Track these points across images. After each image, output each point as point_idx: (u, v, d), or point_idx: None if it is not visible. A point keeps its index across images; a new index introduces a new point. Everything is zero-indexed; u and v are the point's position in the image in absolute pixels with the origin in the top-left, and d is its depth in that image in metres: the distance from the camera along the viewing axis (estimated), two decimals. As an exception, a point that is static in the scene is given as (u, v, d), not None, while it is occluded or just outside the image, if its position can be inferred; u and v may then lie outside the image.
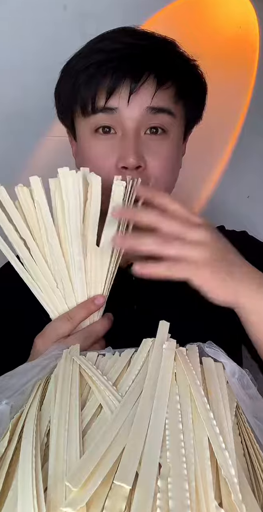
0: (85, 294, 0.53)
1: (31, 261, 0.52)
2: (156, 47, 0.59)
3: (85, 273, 0.52)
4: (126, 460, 0.28)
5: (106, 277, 0.53)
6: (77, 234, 0.51)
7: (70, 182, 0.50)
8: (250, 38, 1.03)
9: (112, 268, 0.54)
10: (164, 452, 0.29)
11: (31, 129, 0.88)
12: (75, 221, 0.51)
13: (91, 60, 0.57)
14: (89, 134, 0.60)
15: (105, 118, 0.58)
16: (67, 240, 0.51)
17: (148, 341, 0.41)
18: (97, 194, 0.51)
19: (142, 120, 0.57)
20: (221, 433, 0.31)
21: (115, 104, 0.56)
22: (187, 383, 0.35)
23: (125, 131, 0.57)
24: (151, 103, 0.57)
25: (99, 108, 0.57)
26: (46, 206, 0.51)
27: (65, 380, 0.36)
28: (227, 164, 1.07)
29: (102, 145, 0.59)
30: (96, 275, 0.53)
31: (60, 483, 0.27)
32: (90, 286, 0.53)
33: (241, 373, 0.37)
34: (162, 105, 0.58)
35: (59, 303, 0.53)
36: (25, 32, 0.86)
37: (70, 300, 0.53)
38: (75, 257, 0.52)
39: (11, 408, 0.34)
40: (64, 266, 0.52)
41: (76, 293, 0.53)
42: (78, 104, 0.59)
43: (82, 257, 0.52)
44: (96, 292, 0.54)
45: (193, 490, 0.26)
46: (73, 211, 0.51)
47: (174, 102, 0.59)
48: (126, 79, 0.56)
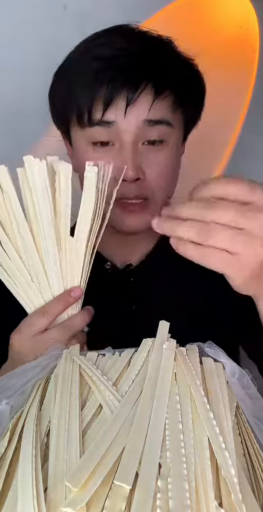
0: (62, 287, 0.51)
1: (4, 256, 0.51)
2: (153, 52, 0.57)
3: (60, 265, 0.51)
4: (126, 460, 0.28)
5: (82, 269, 0.52)
6: (50, 226, 0.49)
7: (36, 171, 0.48)
8: (250, 38, 1.04)
9: (87, 259, 0.52)
10: (164, 452, 0.29)
11: (30, 129, 0.88)
12: (46, 212, 0.49)
13: (86, 66, 0.56)
14: (86, 145, 0.59)
15: (102, 132, 0.57)
16: (40, 233, 0.49)
17: (148, 341, 0.41)
18: (66, 183, 0.49)
19: (139, 133, 0.56)
20: (221, 433, 0.31)
21: (112, 117, 0.55)
22: (187, 383, 0.35)
23: (122, 143, 0.57)
24: (148, 116, 0.55)
25: (95, 121, 0.56)
26: (15, 197, 0.49)
27: (65, 380, 0.36)
28: (227, 164, 1.07)
29: (99, 158, 0.57)
30: (72, 267, 0.51)
31: (60, 483, 0.27)
32: (66, 278, 0.52)
33: (241, 373, 0.37)
34: (160, 117, 0.57)
35: (35, 297, 0.52)
36: (25, 32, 0.86)
37: (46, 294, 0.51)
38: (49, 250, 0.50)
39: (11, 408, 0.34)
40: (38, 260, 0.50)
41: (52, 286, 0.51)
42: (74, 112, 0.58)
43: (56, 250, 0.50)
44: (72, 284, 0.52)
45: (193, 490, 0.27)
46: (42, 202, 0.48)
47: (172, 111, 0.58)
48: (123, 89, 0.54)
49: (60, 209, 0.49)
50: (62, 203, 0.49)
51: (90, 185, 0.48)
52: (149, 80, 0.55)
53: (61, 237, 0.50)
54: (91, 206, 0.49)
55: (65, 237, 0.50)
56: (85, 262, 0.52)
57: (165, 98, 0.57)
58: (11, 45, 0.86)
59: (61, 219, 0.50)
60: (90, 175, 0.48)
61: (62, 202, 0.49)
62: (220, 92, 0.83)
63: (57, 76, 0.61)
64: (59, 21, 0.87)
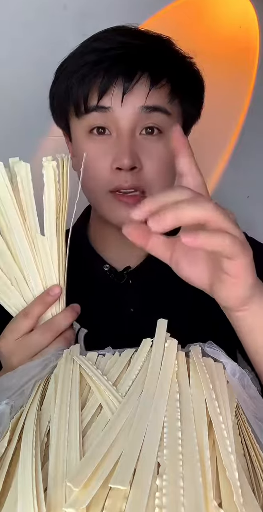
0: (41, 287, 0.52)
1: None
2: (150, 45, 0.58)
3: (36, 266, 0.51)
4: (123, 462, 0.28)
5: (59, 266, 0.52)
6: (19, 229, 0.49)
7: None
8: (250, 38, 1.04)
9: (62, 255, 0.52)
10: (162, 451, 0.29)
11: (31, 129, 0.88)
12: (12, 216, 0.49)
13: (83, 61, 0.57)
14: (84, 135, 0.59)
15: (99, 118, 0.57)
16: (11, 236, 0.49)
17: (148, 341, 0.41)
18: (27, 182, 0.49)
19: (136, 120, 0.57)
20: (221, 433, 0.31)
21: (108, 103, 0.56)
22: (200, 387, 0.35)
23: (119, 131, 0.57)
24: (145, 102, 0.56)
25: (92, 107, 0.57)
26: None
27: (65, 380, 0.36)
28: (227, 164, 1.07)
29: (97, 147, 0.58)
30: (48, 266, 0.51)
31: (60, 483, 0.27)
32: (44, 278, 0.52)
33: (241, 373, 0.37)
34: (157, 104, 0.57)
35: (16, 300, 0.52)
36: (25, 31, 0.86)
37: (27, 296, 0.52)
38: (23, 252, 0.50)
39: (11, 408, 0.34)
40: (14, 264, 0.50)
41: (32, 288, 0.51)
42: (71, 104, 0.59)
43: (30, 251, 0.50)
44: (51, 283, 0.52)
45: (190, 488, 0.26)
46: (7, 205, 0.48)
47: (169, 101, 0.58)
48: (119, 78, 0.55)
49: (27, 209, 0.49)
50: (27, 203, 0.49)
51: (49, 179, 0.49)
52: (145, 69, 0.56)
53: (32, 237, 0.50)
54: (54, 201, 0.49)
55: (36, 236, 0.50)
56: (60, 258, 0.52)
57: (162, 87, 0.57)
58: (11, 45, 0.86)
59: (30, 219, 0.50)
60: (48, 169, 0.48)
61: (27, 201, 0.49)
62: (220, 92, 0.83)
63: (57, 73, 0.62)
64: (59, 21, 0.87)
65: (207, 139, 0.88)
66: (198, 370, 0.36)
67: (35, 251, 0.51)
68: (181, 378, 0.36)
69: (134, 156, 0.56)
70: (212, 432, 0.31)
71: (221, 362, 0.39)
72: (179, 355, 0.39)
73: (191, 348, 0.41)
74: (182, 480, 0.27)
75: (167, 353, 0.38)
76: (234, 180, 1.05)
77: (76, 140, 0.62)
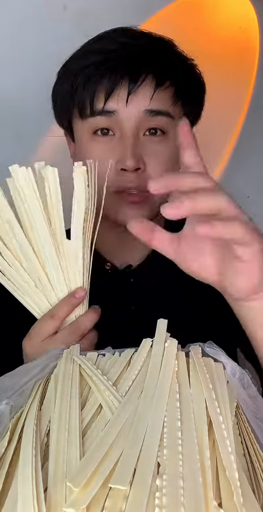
0: (65, 289, 0.52)
1: (6, 265, 0.51)
2: (153, 47, 0.59)
3: (61, 269, 0.51)
4: (123, 462, 0.28)
5: (83, 269, 0.53)
6: (45, 232, 0.50)
7: (21, 178, 0.48)
8: (250, 38, 1.04)
9: (87, 258, 0.53)
10: (162, 451, 0.29)
11: (31, 129, 0.89)
12: (39, 220, 0.49)
13: (88, 61, 0.57)
14: (88, 136, 0.59)
15: (104, 121, 0.58)
16: (37, 240, 0.50)
17: (148, 341, 0.41)
18: (55, 186, 0.49)
19: (140, 122, 0.57)
20: (221, 433, 0.31)
21: (114, 106, 0.56)
22: (200, 387, 0.35)
23: (123, 132, 0.57)
24: (150, 105, 0.57)
25: (97, 111, 0.57)
26: (7, 207, 0.50)
27: (65, 380, 0.36)
28: (227, 164, 1.07)
29: (100, 147, 0.58)
30: (73, 269, 0.52)
31: (60, 483, 0.27)
32: (69, 280, 0.52)
33: (241, 373, 0.37)
34: (161, 108, 0.57)
35: (41, 302, 0.52)
36: (25, 31, 0.86)
37: (51, 298, 0.52)
38: (48, 256, 0.51)
39: (11, 408, 0.34)
40: (39, 266, 0.51)
41: (56, 290, 0.52)
42: (76, 106, 0.59)
43: (55, 254, 0.51)
44: (76, 285, 0.53)
45: (190, 488, 0.26)
46: (34, 209, 0.49)
47: (173, 104, 0.59)
48: (124, 80, 0.55)
49: (54, 213, 0.50)
50: (54, 208, 0.50)
51: (79, 184, 0.49)
52: (149, 71, 0.56)
53: (58, 241, 0.51)
54: (83, 205, 0.50)
55: (62, 240, 0.51)
56: (85, 262, 0.53)
57: (165, 90, 0.58)
58: (11, 45, 0.86)
59: (56, 223, 0.50)
60: (78, 173, 0.49)
61: (54, 206, 0.50)
62: (220, 92, 0.83)
63: (60, 74, 0.62)
64: (59, 21, 0.87)
65: (207, 139, 0.88)
66: (198, 370, 0.36)
67: (60, 254, 0.51)
68: (181, 378, 0.36)
69: (138, 157, 0.57)
70: (212, 432, 0.31)
71: (221, 362, 0.39)
72: (179, 355, 0.39)
73: (191, 348, 0.41)
74: (182, 480, 0.27)
75: (167, 353, 0.38)
76: (234, 180, 1.05)
77: (79, 140, 0.62)
